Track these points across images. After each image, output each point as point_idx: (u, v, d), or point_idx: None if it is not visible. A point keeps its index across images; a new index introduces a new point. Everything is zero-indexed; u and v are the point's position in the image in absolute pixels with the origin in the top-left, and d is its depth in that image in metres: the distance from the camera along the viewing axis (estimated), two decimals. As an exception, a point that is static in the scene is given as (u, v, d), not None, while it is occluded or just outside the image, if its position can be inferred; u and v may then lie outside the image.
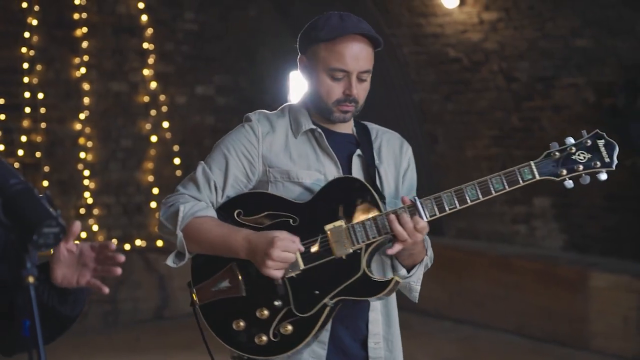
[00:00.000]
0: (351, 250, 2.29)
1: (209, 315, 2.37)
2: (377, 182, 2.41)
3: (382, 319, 2.43)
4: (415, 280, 2.40)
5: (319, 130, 2.40)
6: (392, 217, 2.27)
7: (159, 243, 7.26)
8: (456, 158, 7.33)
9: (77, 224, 1.73)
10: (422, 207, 2.29)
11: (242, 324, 2.32)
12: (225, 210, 2.37)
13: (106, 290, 1.82)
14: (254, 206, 2.36)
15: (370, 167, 2.43)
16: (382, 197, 2.36)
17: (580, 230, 6.70)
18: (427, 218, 2.28)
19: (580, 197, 6.55)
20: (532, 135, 6.77)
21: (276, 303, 2.31)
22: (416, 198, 2.30)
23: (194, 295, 2.39)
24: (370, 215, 2.30)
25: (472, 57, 6.86)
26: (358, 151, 2.43)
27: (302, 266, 2.29)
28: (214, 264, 2.36)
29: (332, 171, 2.39)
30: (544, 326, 6.27)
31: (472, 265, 6.87)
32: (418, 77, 7.33)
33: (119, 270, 1.81)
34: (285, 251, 2.23)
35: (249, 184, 2.41)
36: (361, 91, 2.36)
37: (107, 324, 6.91)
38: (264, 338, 2.30)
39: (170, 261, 2.44)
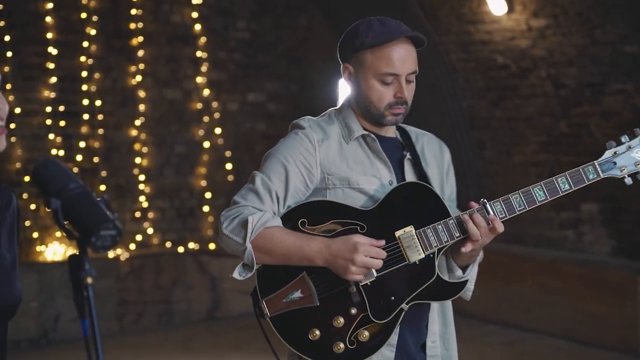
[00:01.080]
0: (424, 255, 2.30)
1: (281, 326, 2.34)
2: None
3: (438, 318, 2.45)
4: (470, 280, 2.43)
5: (372, 135, 2.41)
6: (467, 217, 2.29)
7: (211, 246, 7.42)
8: (504, 164, 7.33)
9: None
10: (492, 209, 2.32)
11: (317, 333, 2.31)
12: (289, 221, 2.34)
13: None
14: (319, 215, 2.34)
15: (420, 170, 2.44)
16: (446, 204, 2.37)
17: (628, 236, 6.65)
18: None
19: (629, 202, 6.51)
20: (580, 142, 6.75)
21: (352, 311, 2.30)
22: (485, 201, 2.31)
23: (263, 306, 2.34)
24: (439, 219, 2.31)
25: (520, 64, 6.86)
26: (408, 155, 2.45)
27: (376, 273, 2.28)
28: (283, 275, 2.33)
29: (386, 175, 2.39)
30: (592, 331, 6.24)
31: (520, 270, 6.87)
32: (466, 83, 7.36)
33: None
34: (369, 256, 2.24)
35: (307, 193, 2.39)
36: (410, 92, 2.39)
37: (161, 324, 7.07)
38: (342, 346, 2.30)
39: (236, 274, 2.36)
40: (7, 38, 6.60)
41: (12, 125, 6.62)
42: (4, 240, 1.78)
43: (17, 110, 6.68)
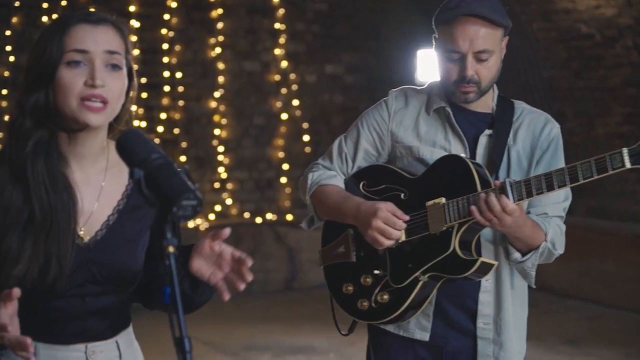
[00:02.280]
0: (444, 228, 2.32)
1: (328, 277, 2.55)
2: (505, 163, 2.39)
3: (493, 301, 2.43)
4: (529, 266, 2.37)
5: (448, 109, 2.43)
6: (481, 196, 2.24)
7: (289, 217, 7.48)
8: (586, 135, 7.15)
9: (227, 230, 1.80)
10: (511, 190, 2.22)
11: (350, 288, 2.48)
12: (354, 181, 2.51)
13: (227, 297, 1.86)
14: (376, 178, 2.48)
15: (498, 147, 2.40)
16: (486, 180, 2.31)
17: None
18: (515, 200, 2.22)
19: None
20: (667, 113, 6.54)
21: (377, 272, 2.42)
22: (507, 180, 2.25)
23: (319, 257, 2.56)
24: (467, 194, 2.30)
25: (605, 33, 6.66)
26: (487, 131, 2.42)
27: (402, 238, 2.37)
28: (336, 230, 2.52)
29: (459, 149, 2.40)
30: (677, 309, 6.08)
31: (603, 245, 6.71)
32: (548, 53, 7.19)
33: (242, 286, 1.88)
34: (386, 223, 2.32)
35: (379, 158, 2.52)
36: (482, 71, 2.34)
37: (239, 293, 7.13)
38: (365, 304, 2.44)
39: (303, 224, 2.63)
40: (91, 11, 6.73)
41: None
42: (131, 211, 1.85)
43: (101, 82, 6.82)
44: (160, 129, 7.11)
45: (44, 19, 6.44)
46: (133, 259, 1.84)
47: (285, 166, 7.64)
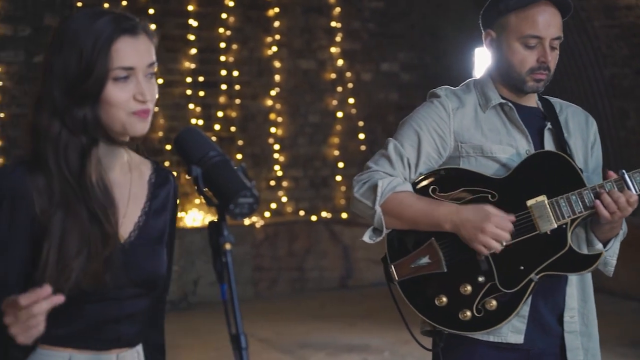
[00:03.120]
0: (556, 226, 2.25)
1: (408, 291, 2.36)
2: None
3: (577, 293, 2.38)
4: (611, 254, 2.36)
5: (510, 104, 2.36)
6: (603, 190, 2.23)
7: (344, 215, 7.48)
8: (649, 135, 7.01)
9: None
10: (632, 181, 2.22)
11: (444, 299, 2.32)
12: (420, 187, 2.36)
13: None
14: (450, 182, 2.34)
15: (561, 140, 2.37)
16: (581, 171, 2.30)
17: None
18: (637, 191, 2.22)
19: None
20: None
21: (479, 279, 2.29)
22: (624, 172, 2.23)
23: (392, 271, 2.37)
24: (574, 189, 2.25)
25: (668, 30, 6.51)
26: (549, 125, 2.38)
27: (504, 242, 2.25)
28: (413, 240, 2.35)
29: (523, 145, 2.35)
30: None
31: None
32: (609, 51, 7.05)
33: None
34: (499, 228, 2.22)
35: (439, 160, 2.39)
36: (553, 59, 2.32)
37: (294, 291, 7.22)
38: (468, 313, 2.29)
39: (367, 237, 2.41)
40: (151, 11, 6.84)
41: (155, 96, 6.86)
42: (154, 213, 1.84)
43: (160, 81, 6.90)
44: (217, 126, 7.18)
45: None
46: (160, 261, 1.84)
47: (341, 164, 7.64)
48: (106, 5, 6.61)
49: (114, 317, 1.77)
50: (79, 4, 6.57)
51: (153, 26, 1.77)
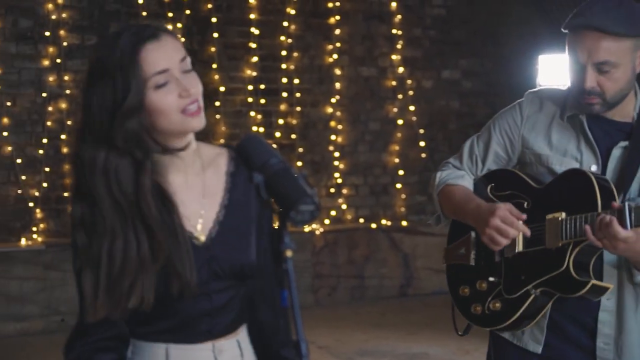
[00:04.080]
0: (560, 244, 2.24)
1: (449, 276, 2.55)
2: (638, 180, 2.27)
3: (614, 321, 2.32)
4: None
5: (582, 117, 2.32)
6: (600, 219, 2.14)
7: (404, 223, 7.45)
8: None
9: None
10: (629, 215, 2.10)
11: (466, 290, 2.46)
12: (483, 182, 2.48)
13: None
14: (503, 183, 2.44)
15: (633, 161, 2.28)
16: (610, 198, 2.19)
17: None
18: (631, 227, 2.10)
19: None
20: None
21: (491, 279, 2.40)
22: (627, 204, 2.12)
23: (443, 255, 2.57)
24: (590, 211, 2.20)
25: None
26: (622, 143, 2.30)
27: (519, 249, 2.32)
28: (460, 230, 2.50)
29: (590, 160, 2.31)
30: None
31: None
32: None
33: None
34: (504, 222, 2.26)
35: (510, 161, 2.47)
36: (605, 83, 2.22)
37: (354, 299, 7.21)
38: (479, 309, 2.42)
39: (431, 220, 2.63)
40: (213, 20, 6.92)
41: (217, 103, 6.96)
42: (235, 205, 1.87)
43: (222, 88, 7.00)
44: (277, 134, 7.22)
45: (169, 27, 6.66)
46: (247, 250, 1.86)
47: (401, 172, 7.62)
48: (170, 14, 6.72)
49: (206, 311, 1.83)
50: (144, 13, 6.69)
51: (215, 35, 1.80)
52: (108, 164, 1.74)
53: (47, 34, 6.44)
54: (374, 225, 7.40)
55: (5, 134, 6.34)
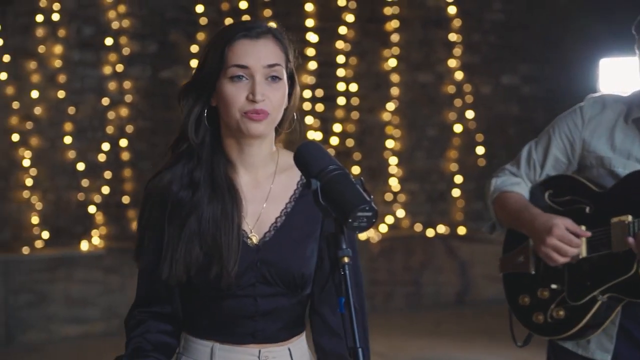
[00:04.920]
0: (627, 247, 2.21)
1: (506, 285, 2.50)
2: None
3: None
4: None
5: None
6: None
7: (461, 231, 7.38)
8: None
9: None
10: None
11: (526, 299, 2.41)
12: (540, 189, 2.43)
13: None
14: (562, 189, 2.39)
15: None
16: None
17: None
18: None
19: None
20: None
21: (554, 287, 2.34)
22: None
23: (499, 264, 2.52)
24: None
25: None
26: None
27: (583, 255, 2.28)
28: (517, 238, 2.44)
29: None
30: None
31: None
32: None
33: None
34: (561, 240, 2.24)
35: (569, 166, 2.42)
36: None
37: (410, 306, 7.17)
38: (541, 317, 2.36)
39: (485, 228, 2.59)
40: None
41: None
42: (299, 214, 1.89)
43: (279, 95, 7.04)
44: (334, 140, 7.23)
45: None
46: (301, 261, 1.86)
47: (458, 179, 7.55)
48: (229, 19, 6.78)
49: (249, 313, 1.84)
50: (204, 20, 6.77)
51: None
52: (193, 140, 1.85)
53: (109, 41, 6.55)
54: (430, 233, 7.35)
55: (68, 140, 6.47)
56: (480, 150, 7.57)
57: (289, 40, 1.92)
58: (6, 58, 6.27)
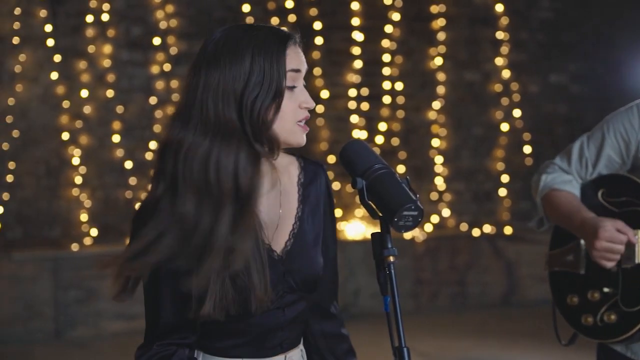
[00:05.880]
0: None
1: (552, 283, 2.46)
2: None
3: None
4: None
5: None
6: None
7: (508, 230, 7.31)
8: None
9: None
10: None
11: (575, 299, 2.36)
12: (592, 188, 2.38)
13: None
14: (617, 189, 2.33)
15: None
16: None
17: None
18: None
19: None
20: None
21: (606, 290, 2.29)
22: None
23: (546, 260, 2.47)
24: None
25: None
26: None
27: (637, 260, 2.23)
28: (566, 236, 2.40)
29: None
30: None
31: None
32: None
33: None
34: (610, 242, 2.20)
35: (623, 166, 2.37)
36: None
37: (455, 306, 7.12)
38: (590, 320, 2.31)
39: (532, 223, 2.54)
40: (317, 26, 6.98)
41: (320, 109, 7.00)
42: (307, 216, 1.84)
43: (325, 94, 7.05)
44: (379, 139, 7.21)
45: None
46: (317, 263, 1.84)
47: (505, 178, 7.47)
48: (275, 19, 6.81)
49: (279, 324, 1.81)
50: (250, 19, 6.80)
51: (318, 40, 1.81)
52: (210, 152, 1.68)
53: (157, 41, 6.63)
54: (476, 232, 7.29)
55: (116, 138, 6.56)
56: (527, 149, 7.49)
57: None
58: (57, 58, 6.38)
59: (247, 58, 1.69)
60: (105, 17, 6.49)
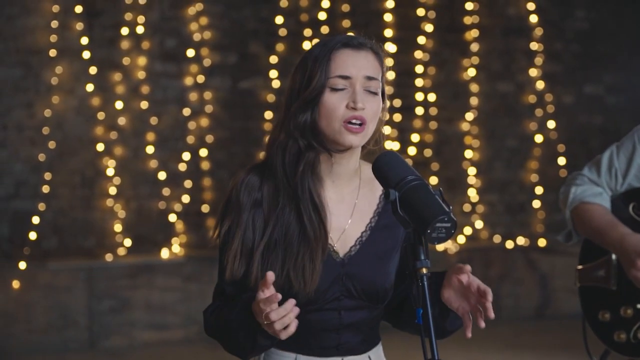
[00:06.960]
0: None
1: (583, 298, 2.41)
2: None
3: None
4: None
5: None
6: None
7: (541, 243, 7.24)
8: None
9: (468, 267, 1.88)
10: None
11: (607, 315, 2.33)
12: (623, 200, 2.34)
13: (469, 335, 1.88)
14: None
15: None
16: None
17: None
18: None
19: None
20: None
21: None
22: None
23: (576, 275, 2.43)
24: None
25: None
26: None
27: None
28: (598, 250, 2.36)
29: None
30: None
31: None
32: None
33: (483, 324, 1.89)
34: None
35: None
36: None
37: (488, 318, 7.06)
38: (623, 336, 2.28)
39: (560, 237, 2.49)
40: (349, 37, 6.99)
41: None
42: (381, 228, 1.89)
43: (357, 105, 7.05)
44: (411, 150, 7.19)
45: (306, 45, 6.78)
46: (384, 275, 1.87)
47: (539, 190, 7.41)
48: (308, 31, 6.84)
49: (334, 326, 1.85)
50: (283, 31, 6.83)
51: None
52: (284, 144, 1.85)
53: (191, 53, 6.68)
54: (510, 244, 7.23)
55: (150, 149, 6.62)
56: (561, 161, 7.43)
57: (384, 57, 1.92)
58: (93, 70, 6.45)
59: (301, 65, 1.86)
60: (140, 30, 6.56)
